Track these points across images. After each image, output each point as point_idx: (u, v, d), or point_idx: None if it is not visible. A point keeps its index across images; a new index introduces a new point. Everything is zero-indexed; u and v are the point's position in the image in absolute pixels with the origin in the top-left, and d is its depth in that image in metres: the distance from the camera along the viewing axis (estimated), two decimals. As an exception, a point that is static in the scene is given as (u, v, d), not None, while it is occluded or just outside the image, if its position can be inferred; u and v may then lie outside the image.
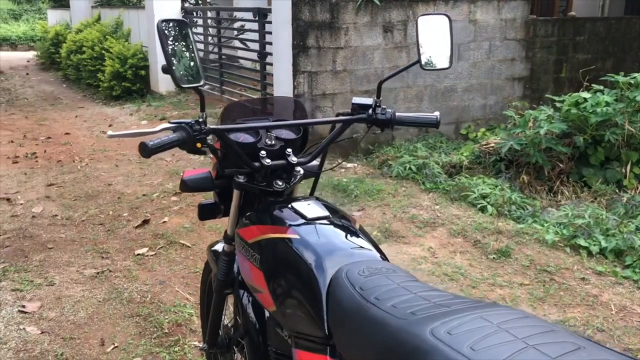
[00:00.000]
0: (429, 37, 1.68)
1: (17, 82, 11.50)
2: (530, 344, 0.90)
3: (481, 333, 0.94)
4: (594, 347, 0.90)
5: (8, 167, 5.57)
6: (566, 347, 0.90)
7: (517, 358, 0.87)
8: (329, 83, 5.72)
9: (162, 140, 1.39)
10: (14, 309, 2.93)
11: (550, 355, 0.86)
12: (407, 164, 5.16)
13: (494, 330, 0.95)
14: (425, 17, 1.68)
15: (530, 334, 0.93)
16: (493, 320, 0.98)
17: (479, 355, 0.88)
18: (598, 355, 0.87)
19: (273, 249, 1.45)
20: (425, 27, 1.67)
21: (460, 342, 0.92)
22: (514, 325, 0.96)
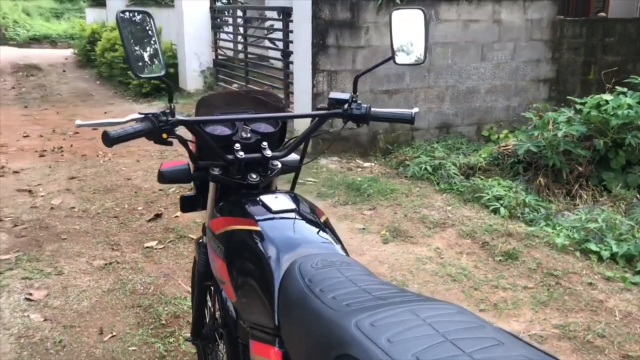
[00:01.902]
0: (403, 32, 1.67)
1: (54, 78, 11.81)
2: (448, 338, 0.89)
3: (403, 326, 0.94)
4: (514, 344, 0.89)
5: (34, 160, 5.73)
6: (485, 342, 0.89)
7: (429, 351, 0.86)
8: (348, 82, 5.72)
9: (126, 130, 1.42)
10: (21, 297, 3.02)
11: (464, 349, 0.86)
12: (423, 165, 5.13)
13: (418, 324, 0.94)
14: (399, 12, 1.67)
15: (453, 329, 0.93)
16: (421, 314, 0.98)
17: (394, 346, 0.88)
18: (513, 351, 0.86)
19: (236, 240, 1.46)
20: (399, 22, 1.66)
21: (380, 334, 0.92)
22: (440, 320, 0.96)
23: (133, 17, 1.48)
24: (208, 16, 8.90)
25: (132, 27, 1.47)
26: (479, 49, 6.15)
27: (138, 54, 1.48)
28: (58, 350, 2.57)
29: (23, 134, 6.79)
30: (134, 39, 1.47)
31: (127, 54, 1.42)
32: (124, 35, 1.42)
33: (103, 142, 1.39)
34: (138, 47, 1.48)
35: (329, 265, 1.25)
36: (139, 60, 1.47)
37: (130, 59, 1.43)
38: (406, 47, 1.70)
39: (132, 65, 1.43)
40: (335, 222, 4.07)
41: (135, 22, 1.48)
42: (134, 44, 1.47)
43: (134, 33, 1.47)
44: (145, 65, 1.49)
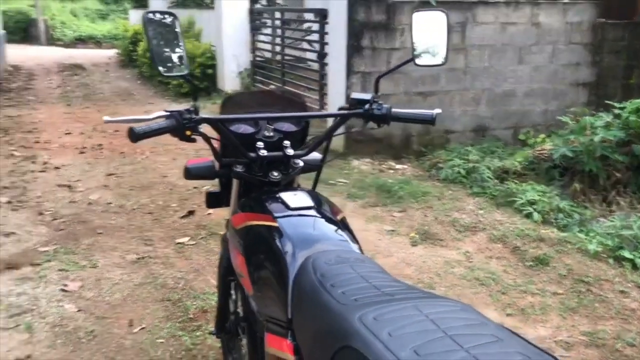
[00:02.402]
0: (425, 34, 1.68)
1: (97, 78, 12.13)
2: (448, 333, 0.91)
3: (405, 321, 0.95)
4: (514, 341, 0.90)
5: (75, 156, 5.91)
6: (484, 338, 0.90)
7: (428, 345, 0.88)
8: (383, 84, 5.68)
9: (151, 126, 1.47)
10: (57, 287, 3.13)
11: (462, 344, 0.87)
12: (457, 168, 5.09)
13: (420, 319, 0.96)
14: (421, 13, 1.68)
15: (454, 325, 0.94)
16: (424, 310, 0.99)
17: (394, 340, 0.90)
18: (510, 348, 0.87)
19: (254, 235, 1.50)
20: (421, 24, 1.67)
21: (382, 327, 0.94)
22: (443, 316, 0.97)
23: (159, 18, 1.54)
24: (247, 18, 9.00)
25: (158, 28, 1.53)
26: (517, 51, 6.07)
27: (163, 54, 1.53)
28: (90, 339, 2.66)
29: (65, 132, 7.00)
30: (160, 39, 1.52)
31: (152, 54, 1.48)
32: (150, 35, 1.48)
33: (129, 138, 1.44)
34: (163, 47, 1.53)
35: (342, 262, 1.28)
36: (164, 59, 1.52)
37: (155, 59, 1.48)
38: (427, 49, 1.70)
39: (156, 64, 1.49)
40: (364, 224, 4.09)
41: (160, 23, 1.53)
42: (160, 44, 1.52)
43: (160, 33, 1.52)
44: (170, 64, 1.54)
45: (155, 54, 1.49)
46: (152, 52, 1.48)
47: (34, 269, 3.35)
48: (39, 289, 3.11)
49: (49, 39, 20.69)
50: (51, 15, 21.54)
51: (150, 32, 1.48)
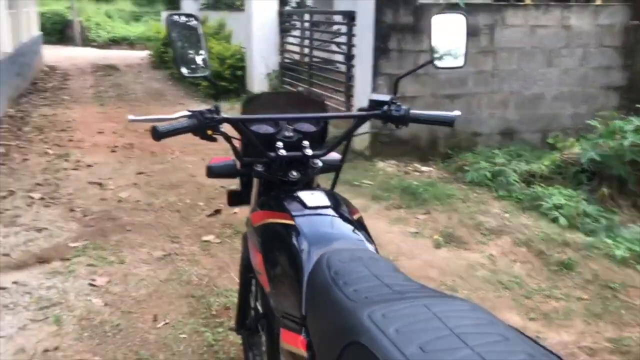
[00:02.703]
0: (444, 36, 1.69)
1: (129, 78, 12.35)
2: (455, 331, 0.92)
3: (413, 318, 0.97)
4: (520, 341, 0.91)
5: (107, 155, 6.04)
6: (490, 337, 0.91)
7: (434, 342, 0.90)
8: (409, 86, 5.72)
9: (173, 125, 1.51)
10: (85, 282, 3.21)
11: (468, 342, 0.89)
12: (483, 170, 5.06)
13: (428, 317, 0.98)
14: (440, 17, 1.70)
15: (461, 324, 0.96)
16: (433, 308, 1.01)
17: (401, 336, 0.92)
18: (516, 347, 0.89)
19: (271, 233, 1.54)
20: (440, 27, 1.69)
21: (389, 324, 0.96)
22: (451, 315, 0.99)
23: (181, 20, 1.58)
24: (276, 20, 9.08)
25: (181, 30, 1.57)
26: (546, 54, 6.00)
27: (185, 55, 1.58)
28: (115, 333, 2.73)
29: (98, 131, 7.16)
30: (183, 41, 1.57)
31: (175, 55, 1.52)
32: (173, 37, 1.52)
33: (152, 136, 1.49)
34: (186, 49, 1.57)
35: (355, 260, 1.30)
36: (186, 61, 1.57)
37: (178, 60, 1.53)
38: (447, 51, 1.72)
39: (179, 65, 1.53)
40: (388, 225, 4.10)
41: (183, 25, 1.58)
42: (183, 45, 1.57)
43: (183, 35, 1.57)
44: (192, 65, 1.59)
45: (178, 56, 1.53)
46: (175, 54, 1.52)
47: (64, 263, 3.44)
48: (68, 283, 3.20)
49: (84, 40, 21.13)
50: (86, 16, 21.99)
51: (174, 34, 1.53)
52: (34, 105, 8.96)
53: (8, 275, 3.28)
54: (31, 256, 3.54)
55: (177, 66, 1.53)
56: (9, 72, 8.71)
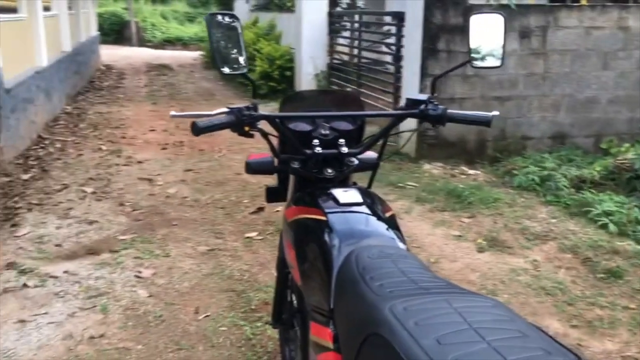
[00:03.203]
0: (482, 36, 1.68)
1: (182, 78, 12.64)
2: (473, 326, 0.93)
3: (433, 312, 0.98)
4: (538, 337, 0.91)
5: (157, 152, 6.21)
6: (508, 333, 0.91)
7: (451, 335, 0.90)
8: (458, 87, 5.66)
9: (212, 121, 1.56)
10: (132, 274, 3.32)
11: (485, 337, 0.89)
12: (531, 175, 4.97)
13: (448, 312, 0.98)
14: (479, 16, 1.68)
15: (481, 319, 0.96)
16: (455, 304, 1.01)
17: (419, 329, 0.93)
18: (533, 343, 0.88)
19: (304, 228, 1.56)
20: (478, 26, 1.68)
21: (409, 317, 0.97)
22: (472, 311, 0.99)
23: (221, 20, 1.63)
24: (326, 21, 9.12)
25: (220, 29, 1.62)
26: (601, 57, 5.84)
27: (224, 53, 1.62)
28: (158, 324, 2.81)
29: (149, 128, 7.36)
30: (222, 40, 1.61)
31: (214, 53, 1.57)
32: (212, 35, 1.57)
33: (192, 131, 1.54)
34: (225, 47, 1.62)
35: (384, 257, 1.31)
36: (225, 59, 1.61)
37: (217, 58, 1.58)
38: (484, 51, 1.71)
39: (218, 63, 1.58)
40: (431, 228, 4.07)
41: (222, 24, 1.62)
42: (222, 44, 1.61)
43: (222, 34, 1.61)
44: (230, 63, 1.63)
45: (216, 53, 1.58)
46: (214, 52, 1.57)
47: (113, 255, 3.56)
48: (115, 274, 3.31)
49: (140, 40, 21.74)
50: (142, 17, 22.62)
51: (213, 33, 1.57)
52: (90, 102, 9.29)
53: (59, 264, 3.42)
54: (82, 247, 3.68)
55: (216, 63, 1.58)
56: (67, 71, 9.06)
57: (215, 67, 1.59)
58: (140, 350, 2.59)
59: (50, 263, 3.44)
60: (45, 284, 3.17)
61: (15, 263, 3.39)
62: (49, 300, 3.01)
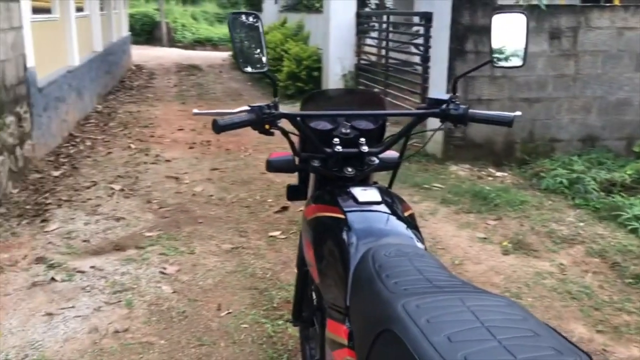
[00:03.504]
0: (504, 36, 1.66)
1: (210, 78, 12.77)
2: (485, 324, 0.92)
3: (445, 310, 0.98)
4: (550, 337, 0.90)
5: (184, 151, 6.28)
6: (520, 332, 0.91)
7: (462, 333, 0.90)
8: (485, 89, 5.61)
9: (232, 119, 1.58)
10: (157, 270, 3.36)
11: (496, 335, 0.88)
12: (559, 177, 4.89)
13: (461, 310, 0.98)
14: (500, 15, 1.67)
15: (493, 318, 0.95)
16: (468, 302, 1.01)
17: (431, 326, 0.93)
18: (544, 342, 0.87)
19: (322, 226, 1.57)
20: (500, 26, 1.66)
21: (422, 315, 0.97)
22: (484, 309, 0.98)
23: (243, 18, 1.64)
24: (353, 22, 9.12)
25: (242, 28, 1.63)
26: (634, 58, 5.72)
27: (246, 52, 1.64)
28: (181, 319, 2.85)
29: (178, 128, 7.45)
30: (243, 38, 1.63)
31: (236, 51, 1.59)
32: (234, 34, 1.58)
33: (213, 129, 1.56)
34: (246, 46, 1.63)
35: (401, 255, 1.31)
36: (246, 57, 1.63)
37: (239, 56, 1.59)
38: (507, 51, 1.69)
39: (239, 61, 1.59)
40: (456, 230, 4.04)
41: (245, 23, 1.64)
42: (244, 42, 1.63)
43: (244, 33, 1.63)
44: (252, 62, 1.65)
45: (238, 52, 1.60)
46: (235, 50, 1.59)
47: (139, 251, 3.62)
48: (141, 270, 3.36)
49: (170, 41, 22.02)
50: (173, 18, 22.91)
51: (235, 32, 1.59)
52: (120, 102, 9.44)
53: (87, 260, 3.48)
54: (109, 243, 3.74)
55: (238, 62, 1.60)
56: (98, 70, 9.22)
57: (237, 65, 1.61)
58: (163, 345, 2.62)
59: (78, 258, 3.51)
60: (72, 278, 3.24)
61: (45, 257, 3.47)
62: (76, 294, 3.07)
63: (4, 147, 4.45)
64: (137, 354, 2.56)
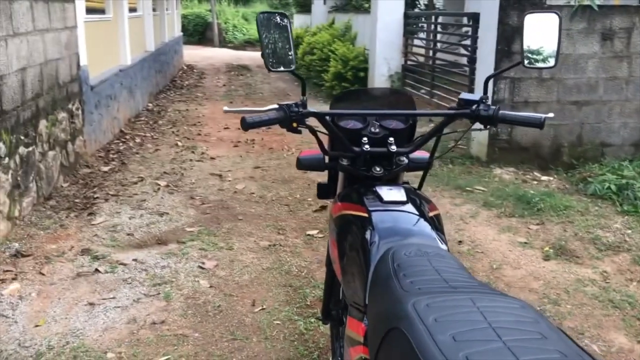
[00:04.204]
0: (536, 36, 1.64)
1: (258, 78, 12.92)
2: (493, 325, 0.91)
3: (454, 310, 0.97)
4: (559, 340, 0.88)
5: (229, 150, 6.39)
6: (528, 334, 0.90)
7: (467, 333, 0.89)
8: (532, 91, 5.49)
9: (260, 117, 1.60)
10: (195, 264, 3.44)
11: (502, 337, 0.88)
12: (607, 183, 4.75)
13: (470, 310, 0.97)
14: (533, 15, 1.64)
15: (503, 319, 0.94)
16: (479, 303, 1.00)
17: (438, 325, 0.93)
18: (551, 346, 0.86)
19: (346, 224, 1.58)
20: (533, 26, 1.63)
21: (430, 314, 0.97)
22: (495, 311, 0.98)
23: (271, 18, 1.67)
24: (401, 22, 9.07)
25: (270, 27, 1.66)
26: (692, 60, 5.49)
27: (273, 51, 1.66)
28: (215, 313, 2.90)
29: (224, 126, 7.58)
30: (271, 37, 1.65)
31: (263, 50, 1.61)
32: (262, 33, 1.61)
33: (241, 126, 1.59)
34: (274, 45, 1.66)
35: (421, 255, 1.31)
36: (274, 56, 1.66)
37: (265, 55, 1.62)
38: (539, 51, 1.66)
39: (266, 60, 1.62)
40: (496, 234, 3.98)
41: (273, 22, 1.66)
42: (271, 41, 1.65)
43: (272, 32, 1.65)
44: (280, 61, 1.67)
45: (267, 51, 1.62)
46: (264, 50, 1.61)
47: (179, 246, 3.70)
48: (180, 264, 3.45)
49: (221, 41, 22.38)
50: (225, 19, 23.27)
51: (262, 31, 1.62)
52: (170, 100, 9.67)
53: (129, 253, 3.59)
54: (151, 237, 3.84)
55: (265, 60, 1.63)
56: (150, 70, 9.47)
57: (265, 63, 1.64)
58: (197, 338, 2.68)
59: (122, 251, 3.62)
60: (115, 270, 3.34)
61: (90, 249, 3.59)
62: (117, 285, 3.17)
63: (56, 142, 4.64)
64: (171, 345, 2.62)
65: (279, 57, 1.68)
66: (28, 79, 4.11)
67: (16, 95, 3.89)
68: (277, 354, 2.59)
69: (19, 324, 2.76)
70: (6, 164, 3.69)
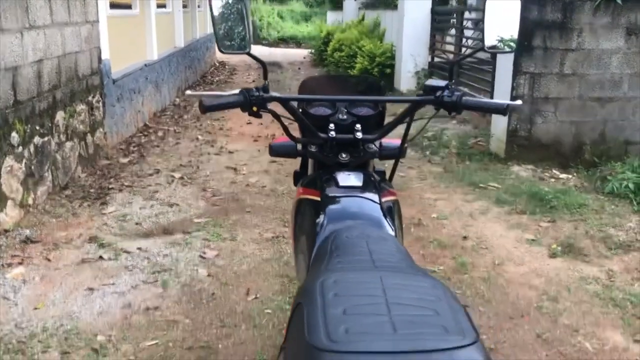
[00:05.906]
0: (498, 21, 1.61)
1: (288, 75, 12.97)
2: (389, 301, 0.91)
3: (357, 286, 0.97)
4: (450, 318, 0.87)
5: (249, 144, 6.44)
6: (422, 310, 0.90)
7: (359, 307, 0.89)
8: (553, 86, 5.38)
9: (220, 100, 1.62)
10: (197, 254, 3.49)
11: (391, 311, 0.87)
12: (626, 181, 4.61)
13: (374, 286, 0.97)
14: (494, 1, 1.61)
15: (403, 296, 0.94)
16: (387, 280, 1.00)
17: (335, 300, 0.93)
18: (441, 322, 0.85)
19: (301, 207, 1.59)
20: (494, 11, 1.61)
21: (332, 289, 0.97)
22: (400, 288, 0.97)
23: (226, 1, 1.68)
24: (428, 18, 9.00)
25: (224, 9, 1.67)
26: None
27: (227, 33, 1.67)
28: (209, 301, 2.94)
29: (247, 121, 7.62)
30: (225, 20, 1.67)
31: (215, 32, 1.63)
32: (214, 16, 1.63)
33: (199, 109, 1.61)
34: (228, 27, 1.67)
35: (361, 238, 1.30)
36: (227, 38, 1.67)
37: (217, 36, 1.64)
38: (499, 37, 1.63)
39: (218, 41, 1.64)
40: (504, 230, 3.92)
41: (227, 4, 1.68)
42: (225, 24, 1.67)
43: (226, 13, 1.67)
44: (233, 43, 1.69)
45: (217, 32, 1.64)
46: (215, 31, 1.63)
47: (184, 236, 3.76)
48: (182, 253, 3.50)
49: (256, 39, 22.53)
50: (260, 16, 23.44)
51: (216, 12, 1.63)
52: (198, 96, 9.78)
53: (135, 241, 3.66)
54: (159, 227, 3.91)
55: (217, 42, 1.64)
56: (179, 65, 9.61)
57: (217, 46, 1.65)
58: (187, 324, 2.72)
59: (128, 239, 3.70)
60: (118, 257, 3.42)
61: (97, 237, 3.68)
62: (118, 272, 3.24)
63: (74, 133, 4.76)
64: (161, 330, 2.67)
65: (232, 39, 1.69)
66: (45, 70, 4.23)
67: (32, 86, 4.01)
68: (263, 341, 2.61)
69: (19, 306, 2.85)
70: (19, 152, 3.81)
